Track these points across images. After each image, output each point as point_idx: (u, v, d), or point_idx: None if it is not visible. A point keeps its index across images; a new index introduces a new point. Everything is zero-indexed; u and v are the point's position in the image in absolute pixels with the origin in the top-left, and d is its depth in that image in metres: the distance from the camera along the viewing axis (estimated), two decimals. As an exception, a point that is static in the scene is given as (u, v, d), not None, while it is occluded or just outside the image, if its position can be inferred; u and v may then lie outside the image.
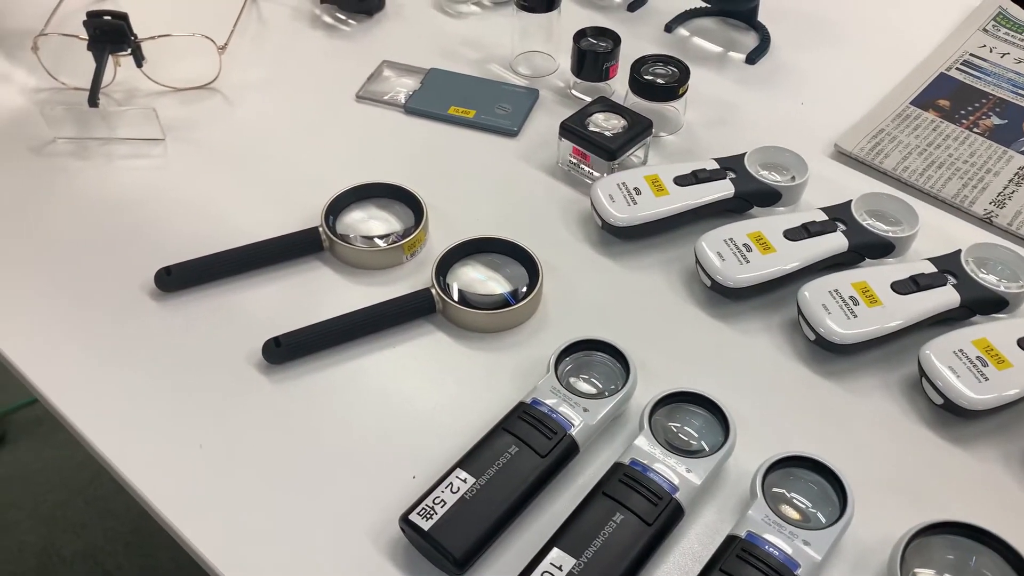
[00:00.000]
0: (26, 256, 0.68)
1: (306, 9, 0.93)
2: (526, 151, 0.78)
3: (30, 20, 0.90)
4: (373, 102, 0.82)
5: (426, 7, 0.94)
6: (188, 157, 0.77)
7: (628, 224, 0.68)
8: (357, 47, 0.89)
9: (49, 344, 0.63)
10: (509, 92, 0.83)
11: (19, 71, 0.85)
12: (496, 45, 0.89)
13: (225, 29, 0.88)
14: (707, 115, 0.82)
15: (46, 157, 0.76)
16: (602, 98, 0.76)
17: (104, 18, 0.76)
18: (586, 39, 0.81)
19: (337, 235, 0.67)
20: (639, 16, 0.94)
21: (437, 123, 0.81)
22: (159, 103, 0.81)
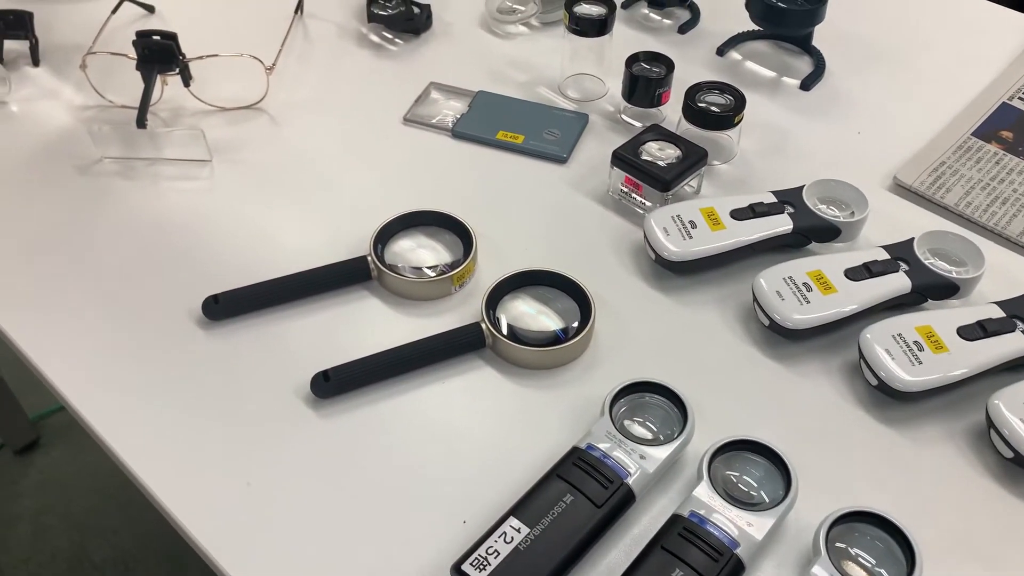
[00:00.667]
0: (72, 277, 0.68)
1: (352, 27, 0.92)
2: (576, 178, 0.77)
3: (75, 33, 0.90)
4: (420, 125, 0.81)
5: (473, 27, 0.93)
6: (235, 179, 0.76)
7: (683, 259, 0.66)
8: (404, 67, 0.88)
9: (93, 369, 0.62)
10: (558, 116, 0.81)
11: (65, 87, 0.84)
12: (544, 67, 0.88)
13: (271, 47, 0.88)
14: (761, 143, 0.80)
15: (93, 177, 0.76)
16: (655, 126, 0.75)
17: (153, 38, 0.76)
18: (638, 64, 0.79)
19: (386, 265, 0.66)
20: (690, 38, 0.92)
21: (485, 147, 0.79)
22: (206, 123, 0.81)
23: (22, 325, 0.65)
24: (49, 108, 0.82)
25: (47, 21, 0.92)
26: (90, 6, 0.94)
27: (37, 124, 0.81)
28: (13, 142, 0.79)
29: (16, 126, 0.81)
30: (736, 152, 0.78)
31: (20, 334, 0.64)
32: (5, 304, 0.66)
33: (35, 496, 1.55)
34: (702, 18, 0.94)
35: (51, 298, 0.66)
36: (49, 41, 0.89)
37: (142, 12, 0.93)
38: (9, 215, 0.73)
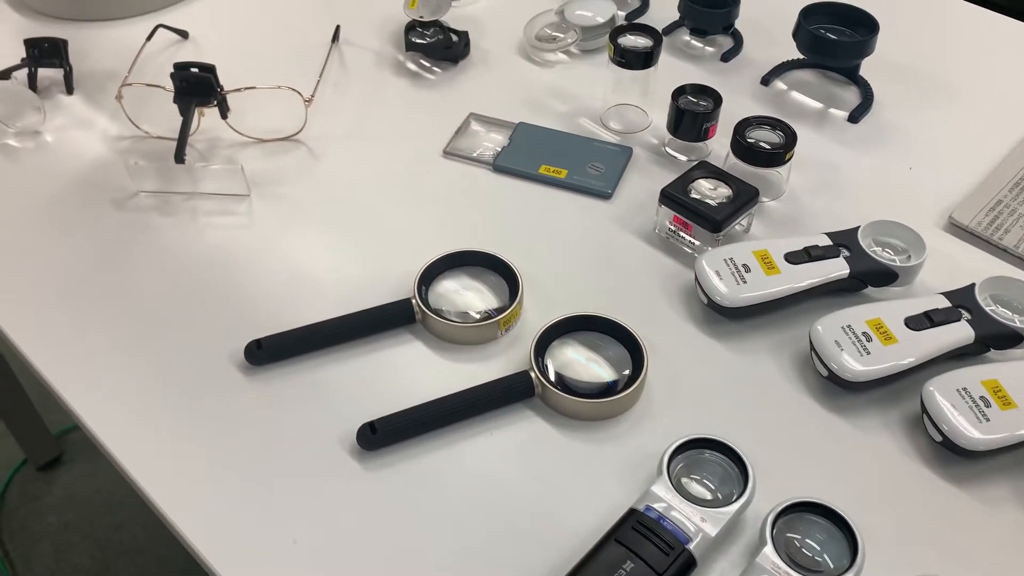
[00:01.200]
0: (108, 315, 0.66)
1: (389, 54, 0.91)
2: (621, 214, 0.75)
3: (108, 59, 0.89)
4: (461, 158, 0.79)
5: (511, 54, 0.91)
6: (274, 214, 0.74)
7: (738, 305, 0.64)
8: (443, 96, 0.86)
9: (129, 413, 0.61)
10: (601, 149, 0.80)
11: (100, 116, 0.83)
12: (585, 96, 0.86)
13: (306, 74, 0.86)
14: (810, 179, 0.78)
15: (129, 212, 0.74)
16: (704, 163, 0.73)
17: (191, 70, 0.74)
18: (685, 97, 0.77)
19: (430, 308, 0.65)
20: (733, 67, 0.90)
21: (527, 182, 0.78)
22: (243, 154, 0.79)
23: (56, 364, 0.63)
24: (84, 138, 0.81)
25: (79, 46, 0.91)
26: (123, 30, 0.93)
27: (72, 154, 0.80)
28: (48, 173, 0.78)
29: (51, 156, 0.79)
30: (785, 189, 0.76)
31: (55, 374, 0.63)
32: (39, 341, 0.65)
33: (58, 513, 1.54)
34: (745, 46, 0.92)
35: (86, 336, 0.65)
36: (82, 67, 0.88)
37: (175, 37, 0.92)
38: (45, 248, 0.71)
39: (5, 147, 0.80)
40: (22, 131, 0.81)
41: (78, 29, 0.93)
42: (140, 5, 0.95)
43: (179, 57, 0.89)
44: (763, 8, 0.95)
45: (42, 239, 0.72)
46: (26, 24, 0.94)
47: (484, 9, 0.97)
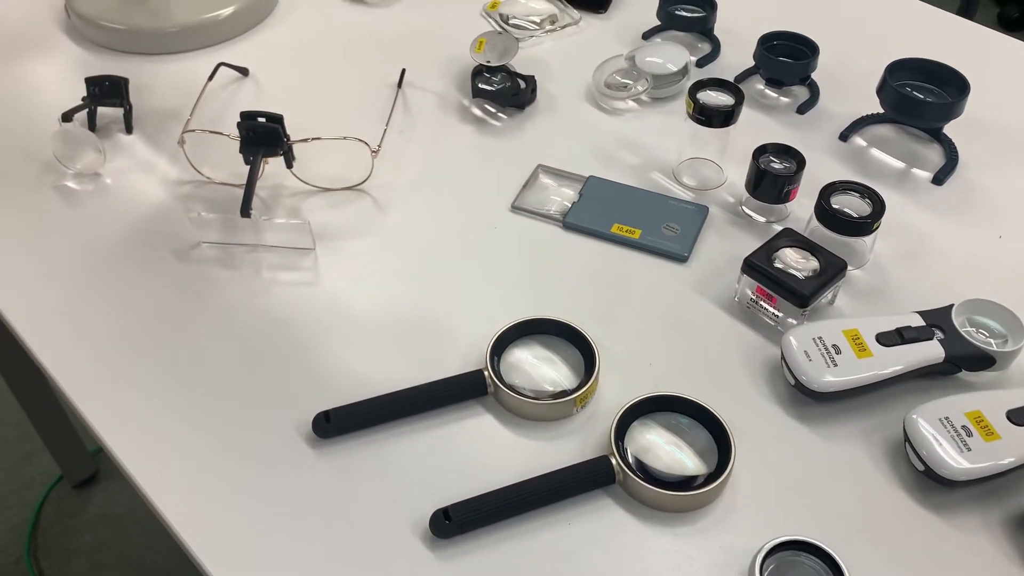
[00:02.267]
0: (167, 374, 0.64)
1: (454, 98, 0.88)
2: (699, 279, 0.72)
3: (168, 96, 0.87)
4: (529, 213, 0.77)
5: (579, 101, 0.88)
6: (339, 270, 0.72)
7: (829, 390, 0.61)
8: (509, 145, 0.83)
9: (186, 480, 0.58)
10: (676, 208, 0.77)
11: (160, 158, 0.81)
12: (657, 148, 0.83)
13: (370, 116, 0.84)
14: (895, 246, 0.74)
15: (191, 263, 0.72)
16: (789, 230, 0.70)
17: (259, 120, 0.72)
18: (766, 156, 0.74)
19: (502, 380, 0.62)
20: (810, 120, 0.87)
21: (599, 240, 0.75)
22: (307, 204, 0.77)
23: (112, 426, 0.61)
24: (143, 181, 0.79)
25: (139, 81, 0.89)
26: (183, 65, 0.92)
27: (131, 199, 0.78)
28: (107, 218, 0.76)
29: (110, 201, 0.78)
30: (869, 257, 0.73)
31: (111, 436, 0.61)
32: (93, 396, 0.63)
33: (93, 532, 1.53)
34: (822, 97, 0.88)
35: (143, 397, 0.63)
36: (142, 105, 0.87)
37: (235, 74, 0.90)
38: (103, 299, 0.69)
39: (64, 189, 0.78)
40: (81, 172, 0.79)
41: (138, 63, 0.92)
42: (199, 40, 0.93)
43: (240, 95, 0.88)
44: (841, 58, 0.92)
45: (100, 289, 0.70)
46: (86, 57, 0.93)
47: (550, 51, 0.94)
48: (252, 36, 0.96)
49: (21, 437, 1.62)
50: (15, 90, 0.89)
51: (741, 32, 0.96)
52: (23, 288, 0.71)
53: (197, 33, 0.92)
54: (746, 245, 0.74)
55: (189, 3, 0.94)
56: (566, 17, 0.98)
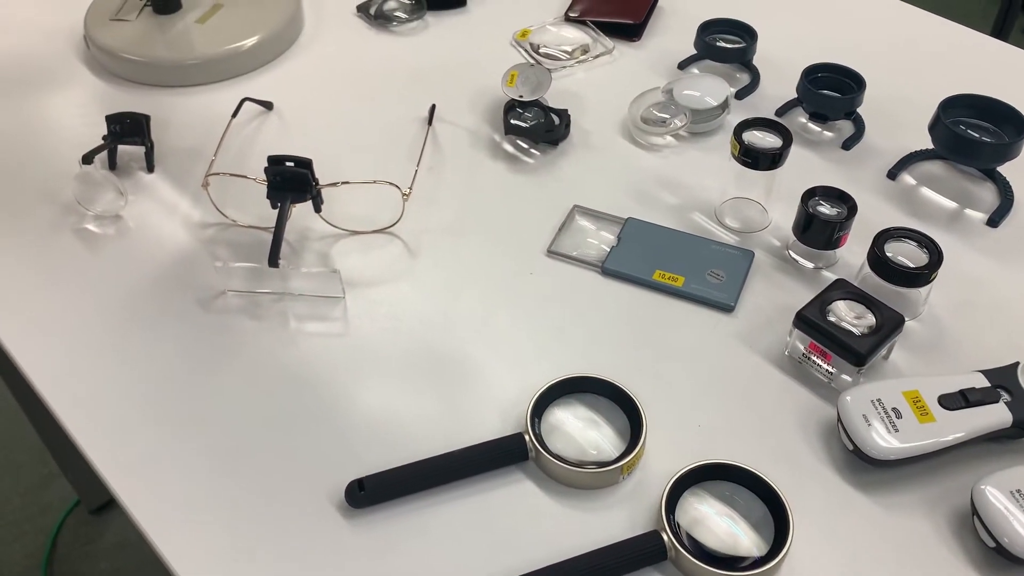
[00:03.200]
0: (190, 431, 0.62)
1: (485, 133, 0.85)
2: (746, 331, 0.69)
3: (190, 131, 0.84)
4: (566, 258, 0.74)
5: (615, 135, 0.85)
6: (370, 320, 0.69)
7: (891, 458, 0.58)
8: (543, 183, 0.80)
9: (208, 550, 0.55)
10: (720, 253, 0.73)
11: (182, 199, 0.79)
12: (697, 187, 0.80)
13: (398, 154, 0.81)
14: (951, 295, 0.71)
15: (215, 313, 0.70)
16: (842, 281, 0.66)
17: (287, 164, 0.69)
18: (815, 200, 0.71)
19: (544, 446, 0.59)
20: (856, 156, 0.83)
21: (640, 288, 0.72)
22: (336, 248, 0.74)
23: (128, 486, 0.59)
24: (166, 224, 0.77)
25: (160, 114, 0.86)
26: (205, 97, 0.89)
27: (154, 243, 0.75)
28: (129, 264, 0.73)
29: (131, 245, 0.75)
30: (924, 308, 0.70)
31: (128, 496, 0.59)
32: (109, 459, 0.60)
33: (110, 559, 1.51)
34: (868, 132, 0.85)
35: (161, 457, 0.60)
36: (164, 141, 0.84)
37: (260, 107, 0.87)
38: (123, 350, 0.67)
39: (84, 232, 0.76)
40: (102, 215, 0.77)
41: (159, 96, 0.89)
42: (222, 72, 0.90)
43: (264, 130, 0.85)
44: (886, 89, 0.89)
45: (120, 338, 0.68)
46: (106, 90, 0.90)
47: (582, 82, 0.91)
48: (275, 67, 0.93)
49: (37, 461, 1.60)
50: (34, 125, 0.86)
51: (781, 61, 0.92)
52: (39, 336, 0.68)
53: (219, 65, 0.90)
54: (794, 293, 0.71)
55: (211, 34, 0.91)
56: (599, 47, 0.95)
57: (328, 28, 0.98)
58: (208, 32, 0.91)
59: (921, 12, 1.00)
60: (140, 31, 0.91)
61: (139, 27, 0.92)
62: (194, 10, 0.94)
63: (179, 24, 0.92)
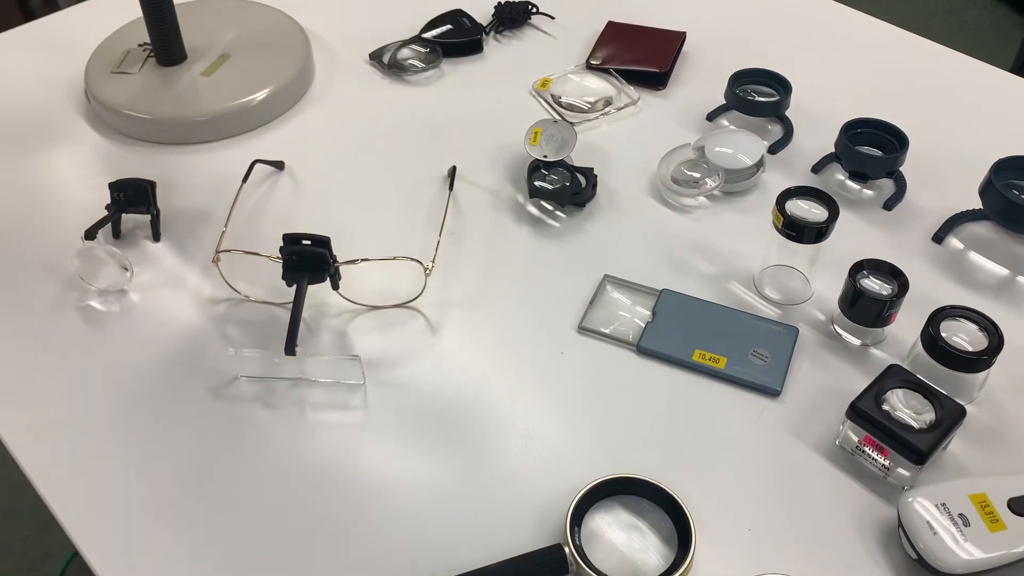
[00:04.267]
0: (201, 537, 0.57)
1: (507, 194, 0.81)
2: (793, 417, 0.64)
3: (198, 193, 0.80)
4: (598, 336, 0.70)
5: (643, 195, 0.81)
6: (391, 409, 0.65)
7: (960, 571, 0.53)
8: (571, 249, 0.76)
9: None
10: (762, 329, 0.69)
11: (191, 271, 0.74)
12: (733, 253, 0.76)
13: (418, 219, 0.77)
14: (1009, 373, 0.67)
15: (228, 401, 0.65)
16: (896, 368, 0.62)
17: (303, 243, 0.65)
18: (863, 274, 0.67)
19: (585, 558, 0.55)
20: (898, 216, 0.79)
21: (678, 369, 0.68)
22: (353, 325, 0.70)
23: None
24: (174, 300, 0.72)
25: (166, 174, 0.82)
26: (213, 156, 0.85)
27: (161, 321, 0.71)
28: (135, 345, 0.69)
29: (137, 323, 0.71)
30: (980, 393, 0.66)
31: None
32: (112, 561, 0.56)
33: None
34: (910, 189, 0.81)
35: (171, 557, 0.56)
36: (170, 204, 0.80)
37: (271, 169, 0.83)
38: (128, 443, 0.62)
39: (88, 310, 0.72)
40: (106, 290, 0.73)
41: (164, 154, 0.85)
42: (230, 128, 0.86)
43: (276, 192, 0.81)
44: (929, 144, 0.85)
45: (124, 429, 0.64)
46: (108, 148, 0.86)
47: (607, 136, 0.87)
48: (286, 120, 0.89)
49: (37, 507, 1.56)
50: (33, 188, 0.82)
51: (816, 110, 0.88)
52: (37, 424, 0.64)
53: (227, 122, 0.86)
54: (842, 374, 0.67)
55: (218, 88, 0.87)
56: (623, 97, 0.90)
57: (340, 78, 0.94)
58: (215, 86, 0.87)
59: (960, 56, 0.96)
60: (143, 85, 0.87)
61: (142, 81, 0.88)
62: (200, 61, 0.90)
63: (184, 77, 0.88)
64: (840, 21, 1.01)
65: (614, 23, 0.98)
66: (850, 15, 1.02)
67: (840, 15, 1.02)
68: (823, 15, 1.02)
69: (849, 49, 0.97)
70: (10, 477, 1.58)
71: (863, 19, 1.01)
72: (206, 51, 0.91)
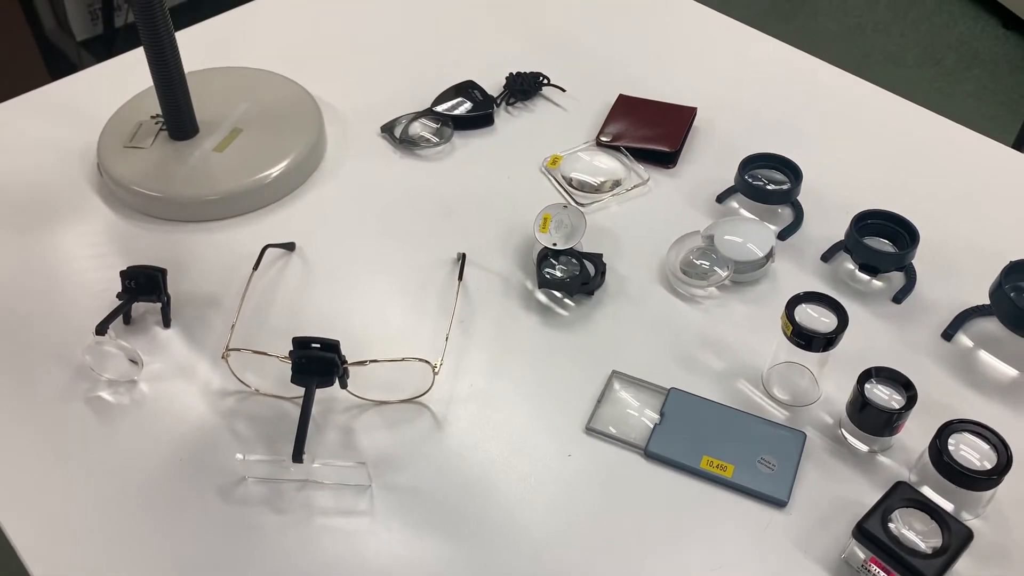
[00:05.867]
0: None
1: (516, 280, 0.81)
2: (800, 531, 0.64)
3: (207, 277, 0.80)
4: (606, 437, 0.70)
5: (652, 283, 0.81)
6: (399, 513, 0.65)
7: None
8: (579, 340, 0.76)
9: None
10: (770, 434, 0.69)
11: (200, 361, 0.75)
12: (742, 348, 0.76)
13: (426, 309, 0.77)
14: (1017, 486, 0.67)
15: (236, 504, 0.66)
16: (903, 486, 0.62)
17: (312, 347, 0.65)
18: (872, 381, 0.67)
19: None
20: (907, 310, 0.79)
21: (685, 475, 0.68)
22: (360, 421, 0.70)
23: None
24: (183, 392, 0.73)
25: (175, 255, 0.83)
26: (223, 235, 0.85)
27: (170, 415, 0.71)
28: (144, 440, 0.69)
29: (147, 415, 0.71)
30: (987, 508, 0.66)
31: None
32: None
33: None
34: (920, 280, 0.81)
35: None
36: (179, 286, 0.80)
37: (281, 251, 0.84)
38: (134, 542, 0.63)
39: (97, 401, 0.72)
40: (116, 381, 0.73)
41: (174, 232, 0.85)
42: (242, 206, 0.87)
43: (286, 275, 0.81)
44: (943, 233, 0.84)
45: (131, 529, 0.64)
46: (121, 224, 0.86)
47: (616, 217, 0.87)
48: (298, 197, 0.89)
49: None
50: (43, 268, 0.82)
51: (826, 194, 0.88)
52: (42, 518, 0.64)
53: (240, 200, 0.86)
54: (849, 482, 0.67)
55: (231, 165, 0.87)
56: (633, 177, 0.91)
57: (352, 150, 0.94)
58: (227, 162, 0.87)
59: (978, 137, 0.95)
60: (155, 161, 0.87)
61: (154, 156, 0.88)
62: (212, 135, 0.90)
63: (196, 152, 0.88)
64: (853, 94, 1.01)
65: (625, 96, 0.98)
66: (864, 89, 1.01)
67: (853, 88, 1.02)
68: (835, 87, 1.02)
69: (863, 125, 0.97)
70: (15, 570, 1.56)
71: (877, 93, 1.01)
72: (218, 124, 0.91)
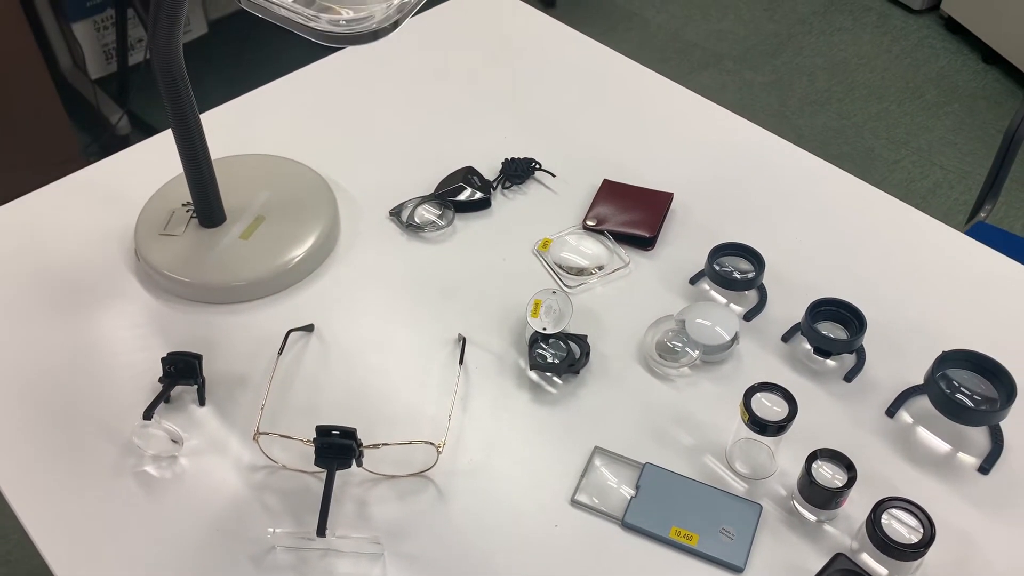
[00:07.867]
0: None
1: (511, 359, 0.92)
2: (753, 594, 0.75)
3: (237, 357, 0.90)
4: (589, 510, 0.80)
5: (631, 362, 0.92)
6: (407, 580, 0.76)
7: None
8: (566, 417, 0.87)
9: None
10: (731, 505, 0.80)
11: (232, 437, 0.85)
12: (709, 425, 0.86)
13: (430, 387, 0.88)
14: (944, 554, 0.77)
15: (266, 571, 0.76)
16: (841, 557, 0.73)
17: (333, 435, 0.76)
18: (819, 462, 0.77)
19: None
20: (857, 390, 0.89)
21: (657, 543, 0.78)
22: (373, 493, 0.81)
23: None
24: (218, 467, 0.83)
25: (208, 334, 0.93)
26: (250, 316, 0.96)
27: (207, 488, 0.81)
28: (185, 512, 0.80)
29: (186, 490, 0.81)
30: (915, 574, 0.76)
31: None
32: None
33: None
34: (869, 362, 0.91)
35: None
36: (212, 365, 0.90)
37: (302, 332, 0.94)
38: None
39: (143, 476, 0.82)
40: (158, 456, 0.83)
41: (207, 313, 0.95)
42: (267, 289, 0.97)
43: (306, 355, 0.92)
44: (891, 313, 0.95)
45: (183, 598, 0.74)
46: (157, 307, 0.96)
47: (600, 299, 0.98)
48: (316, 279, 0.99)
49: None
50: (89, 350, 0.93)
51: (789, 277, 0.99)
52: (109, 598, 0.74)
53: (264, 285, 0.96)
54: (798, 550, 0.77)
55: (256, 252, 0.98)
56: (616, 259, 1.01)
57: (363, 235, 1.04)
58: (253, 249, 0.98)
59: (932, 222, 1.05)
60: (188, 248, 0.98)
61: (186, 243, 0.98)
62: (238, 223, 1.00)
63: (224, 240, 0.99)
64: (818, 178, 1.11)
65: (609, 181, 1.08)
66: (828, 173, 1.11)
67: (818, 172, 1.12)
68: (800, 172, 1.12)
69: (828, 208, 1.07)
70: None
71: (843, 177, 1.11)
72: (243, 211, 1.01)
